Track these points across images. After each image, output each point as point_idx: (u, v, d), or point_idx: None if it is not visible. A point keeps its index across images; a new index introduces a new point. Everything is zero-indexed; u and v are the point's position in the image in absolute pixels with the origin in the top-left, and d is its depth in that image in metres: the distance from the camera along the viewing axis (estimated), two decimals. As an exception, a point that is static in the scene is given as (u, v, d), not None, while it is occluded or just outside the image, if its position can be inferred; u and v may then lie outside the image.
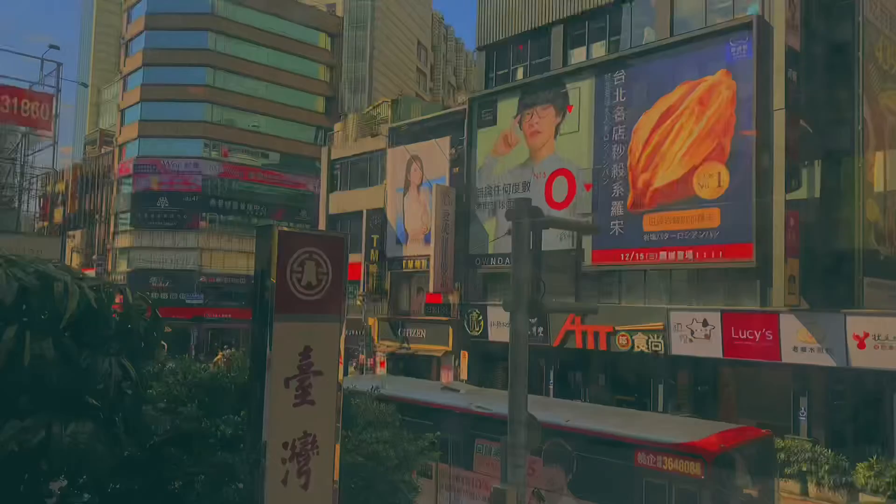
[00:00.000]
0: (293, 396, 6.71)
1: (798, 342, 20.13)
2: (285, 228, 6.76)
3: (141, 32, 56.34)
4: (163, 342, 8.80)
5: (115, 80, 74.70)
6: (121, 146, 58.22)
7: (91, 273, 56.06)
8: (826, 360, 19.71)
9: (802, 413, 20.63)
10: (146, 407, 8.14)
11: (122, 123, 58.63)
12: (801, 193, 20.97)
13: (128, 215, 55.49)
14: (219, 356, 24.04)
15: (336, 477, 7.11)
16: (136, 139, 55.70)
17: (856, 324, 19.18)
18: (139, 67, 56.19)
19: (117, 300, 7.69)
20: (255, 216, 56.49)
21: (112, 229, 57.78)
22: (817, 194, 21.42)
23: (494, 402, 15.69)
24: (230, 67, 56.21)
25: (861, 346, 19.03)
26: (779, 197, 20.42)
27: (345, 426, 8.88)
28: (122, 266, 55.21)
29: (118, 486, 8.25)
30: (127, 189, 55.92)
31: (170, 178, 54.57)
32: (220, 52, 55.94)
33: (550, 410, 15.24)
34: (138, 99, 55.77)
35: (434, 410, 16.09)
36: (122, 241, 56.00)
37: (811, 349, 19.90)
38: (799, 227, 20.51)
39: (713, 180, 21.86)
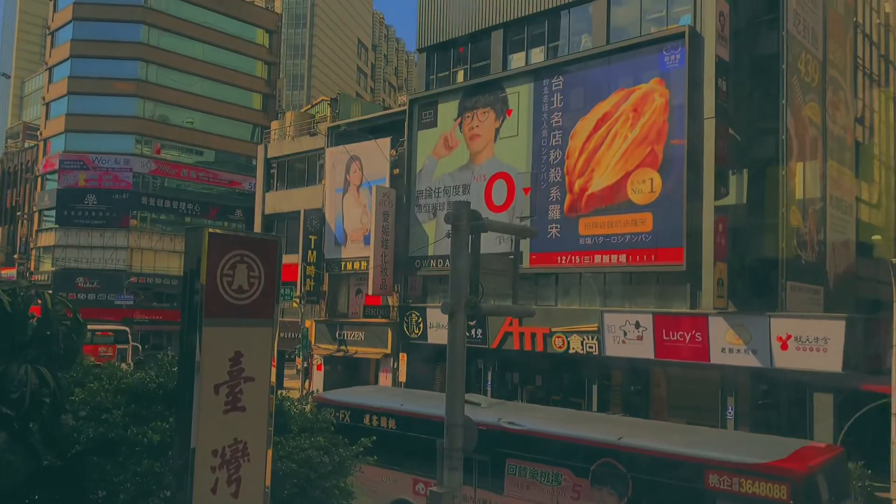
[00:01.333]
0: (223, 403, 6.53)
1: (726, 343, 20.83)
2: (216, 230, 6.58)
3: (68, 22, 54.21)
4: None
5: (40, 71, 71.56)
6: (45, 140, 55.86)
7: (12, 272, 53.66)
8: (752, 361, 20.45)
9: (729, 412, 21.34)
10: (66, 416, 7.80)
11: (47, 117, 56.28)
12: (729, 200, 21.71)
13: (52, 212, 53.26)
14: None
15: (268, 484, 6.96)
16: (62, 133, 53.56)
17: (779, 326, 19.97)
18: (66, 59, 54.07)
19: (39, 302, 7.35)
20: (187, 215, 55.07)
21: (35, 227, 55.37)
22: (744, 201, 22.22)
23: (525, 417, 14.65)
24: (164, 62, 54.66)
25: (784, 347, 19.83)
26: (708, 203, 21.10)
27: (278, 432, 8.73)
28: (47, 265, 52.96)
29: (36, 498, 7.90)
30: (52, 185, 53.69)
31: (98, 174, 52.67)
32: (154, 46, 54.35)
33: (594, 426, 14.40)
34: (65, 91, 53.64)
35: None
36: (46, 239, 53.73)
37: (738, 350, 20.62)
38: (727, 232, 21.23)
39: (646, 186, 22.43)
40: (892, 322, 19.11)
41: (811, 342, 19.44)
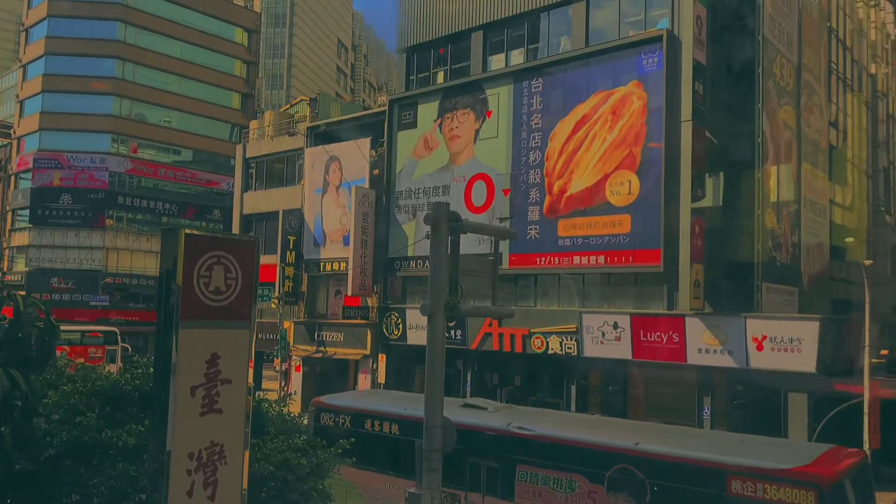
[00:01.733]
0: (199, 405, 6.47)
1: (702, 344, 21.04)
2: (193, 231, 6.52)
3: (43, 19, 53.39)
4: None
5: (14, 68, 70.41)
6: (19, 138, 54.98)
7: (-16, 273, 52.69)
8: (728, 362, 20.69)
9: (706, 412, 21.57)
10: (38, 419, 7.69)
11: (20, 114, 55.39)
12: (705, 202, 21.94)
13: (26, 212, 52.44)
14: None
15: (245, 486, 6.90)
16: (36, 132, 52.75)
17: (755, 327, 20.22)
18: (41, 56, 53.24)
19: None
20: (165, 215, 54.53)
21: (8, 226, 54.48)
22: (720, 203, 22.46)
23: (535, 421, 14.21)
24: (141, 60, 54.05)
25: (759, 348, 20.07)
26: (685, 205, 21.31)
27: (255, 434, 8.67)
28: (20, 265, 52.13)
29: (8, 502, 7.77)
30: (25, 184, 52.87)
31: (73, 173, 51.96)
32: (131, 44, 53.71)
33: (608, 430, 14.02)
34: (40, 89, 52.83)
35: (461, 432, 14.70)
36: (19, 238, 52.89)
37: (714, 351, 20.85)
38: (703, 234, 21.46)
39: (624, 188, 22.60)
40: (864, 323, 19.44)
41: (786, 343, 19.70)
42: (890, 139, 34.41)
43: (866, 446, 17.89)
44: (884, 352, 21.51)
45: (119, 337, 38.14)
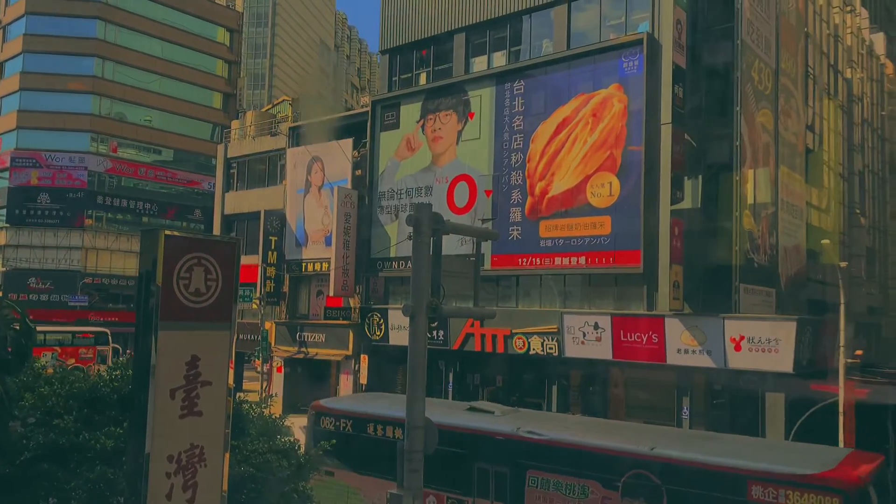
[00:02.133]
0: (179, 407, 6.46)
1: (681, 345, 21.25)
2: (173, 232, 6.51)
3: (21, 16, 52.71)
4: None
5: (-9, 65, 69.38)
6: (-4, 137, 54.23)
7: (-41, 273, 51.90)
8: (706, 362, 20.91)
9: (685, 412, 21.78)
10: (14, 422, 7.62)
11: (-3, 112, 54.66)
12: (685, 204, 22.17)
13: (3, 211, 51.75)
14: None
15: (225, 489, 6.90)
16: (13, 130, 52.05)
17: (733, 327, 20.46)
18: (19, 53, 52.57)
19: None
20: (145, 215, 54.08)
21: (-16, 226, 53.69)
22: (699, 205, 22.70)
23: (544, 425, 13.92)
24: (121, 58, 53.56)
25: (738, 348, 20.31)
26: (665, 207, 21.53)
27: (235, 436, 8.66)
28: (-3, 265, 51.41)
29: (-17, 506, 7.70)
30: (3, 183, 52.13)
31: (52, 172, 51.36)
32: (111, 42, 53.19)
33: (621, 435, 13.76)
34: (17, 87, 52.17)
35: (469, 437, 13.95)
36: (-4, 238, 52.17)
37: (693, 351, 21.06)
38: (683, 235, 21.67)
39: (605, 189, 22.78)
40: (839, 323, 19.74)
41: (763, 343, 19.95)
42: (865, 143, 34.94)
43: (841, 446, 18.16)
44: (858, 352, 21.82)
45: (110, 338, 38.07)
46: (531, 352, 24.33)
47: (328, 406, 17.03)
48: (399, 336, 27.21)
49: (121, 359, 9.91)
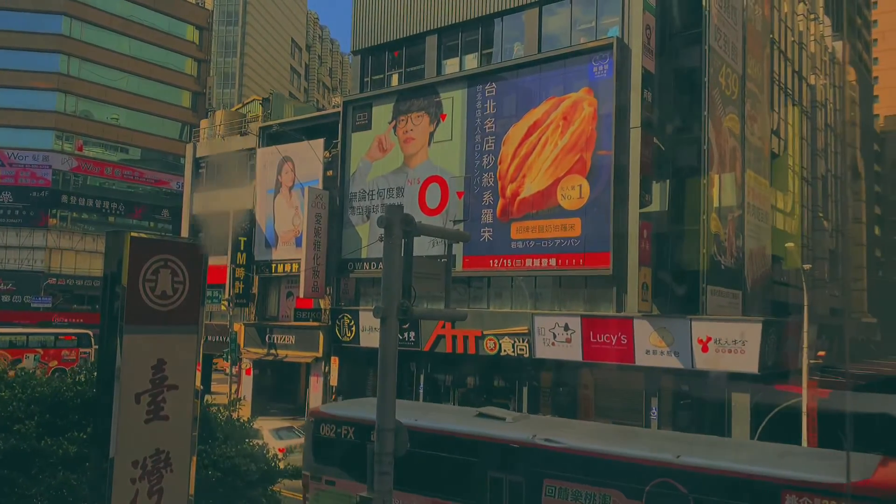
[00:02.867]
0: (145, 412, 6.38)
1: (650, 346, 21.50)
2: (139, 234, 6.42)
3: (-17, 11, 51.50)
4: None
5: (-49, 60, 67.70)
6: (-44, 134, 52.88)
7: (-83, 274, 50.49)
8: (674, 363, 21.19)
9: (653, 412, 22.04)
10: (-26, 427, 7.45)
11: (-42, 109, 53.29)
12: (653, 207, 22.45)
13: (-37, 210, 50.52)
14: None
15: (191, 493, 6.83)
16: (-25, 127, 50.81)
17: (700, 329, 20.76)
18: (-20, 49, 51.33)
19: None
20: (111, 214, 53.16)
21: (-57, 225, 52.34)
22: (667, 208, 23.00)
23: (559, 432, 13.45)
24: (87, 55, 52.61)
25: (704, 349, 20.62)
26: (633, 210, 21.78)
27: (203, 440, 8.56)
28: (-44, 266, 50.13)
29: (-60, 514, 7.50)
30: (-37, 181, 50.91)
31: (14, 171, 50.26)
32: (76, 39, 52.22)
33: (645, 442, 13.25)
34: (-22, 83, 50.94)
35: (481, 444, 13.46)
36: (-44, 238, 50.86)
37: (661, 352, 21.32)
38: (651, 238, 21.94)
39: (575, 192, 22.97)
40: (802, 325, 20.15)
41: (730, 344, 20.27)
42: (828, 148, 35.72)
43: (804, 444, 18.53)
44: (821, 353, 22.32)
45: (93, 339, 37.39)
46: (502, 353, 24.42)
47: (329, 412, 16.10)
48: (370, 338, 27.12)
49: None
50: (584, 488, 12.23)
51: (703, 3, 22.50)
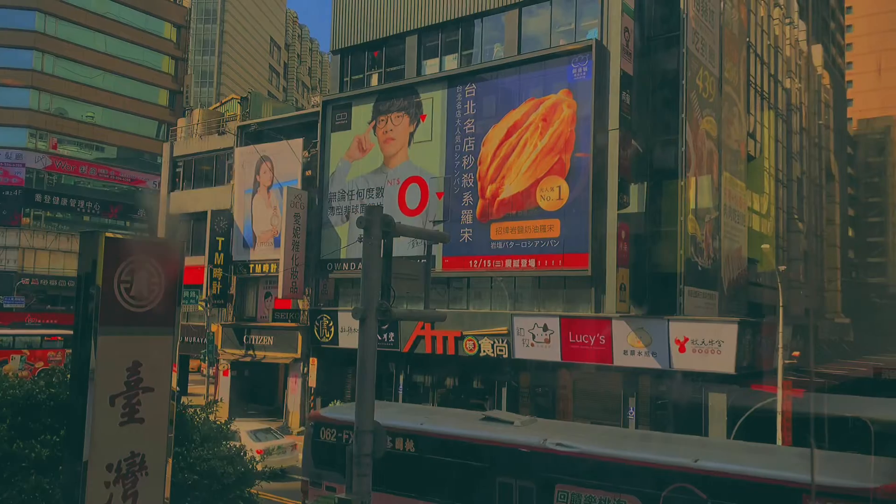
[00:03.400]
0: (119, 414, 6.30)
1: (628, 346, 21.65)
2: (114, 234, 6.33)
3: (-46, 6, 50.56)
4: None
5: (-79, 56, 66.37)
6: (-74, 131, 51.85)
7: None
8: (652, 363, 21.35)
9: (631, 412, 22.20)
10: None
11: (-72, 106, 52.26)
12: (631, 208, 22.61)
13: (-67, 209, 49.56)
14: None
15: (167, 496, 6.75)
16: (-55, 124, 49.88)
17: (677, 329, 20.94)
18: (-49, 45, 50.39)
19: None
20: (86, 214, 52.43)
21: (-88, 224, 51.30)
22: (645, 209, 23.18)
23: (570, 435, 13.23)
24: (62, 52, 51.86)
25: (682, 349, 20.80)
26: (612, 211, 21.92)
27: (179, 442, 8.47)
28: (-75, 266, 49.17)
29: None
30: (-67, 179, 49.94)
31: (-14, 169, 49.39)
32: (51, 35, 51.43)
33: (660, 446, 13.00)
34: (-51, 80, 50.01)
35: (490, 449, 13.23)
36: (-75, 237, 49.88)
37: (639, 353, 21.48)
38: (629, 239, 22.10)
39: (554, 193, 23.07)
40: (778, 325, 20.41)
41: (706, 344, 20.48)
42: (803, 150, 36.23)
43: (779, 443, 18.78)
44: (796, 353, 22.64)
45: None
46: (482, 354, 24.45)
47: (330, 416, 15.72)
48: (349, 338, 27.02)
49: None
50: (598, 493, 12.02)
51: (681, 7, 22.72)
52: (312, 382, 28.65)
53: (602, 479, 12.00)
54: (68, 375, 8.44)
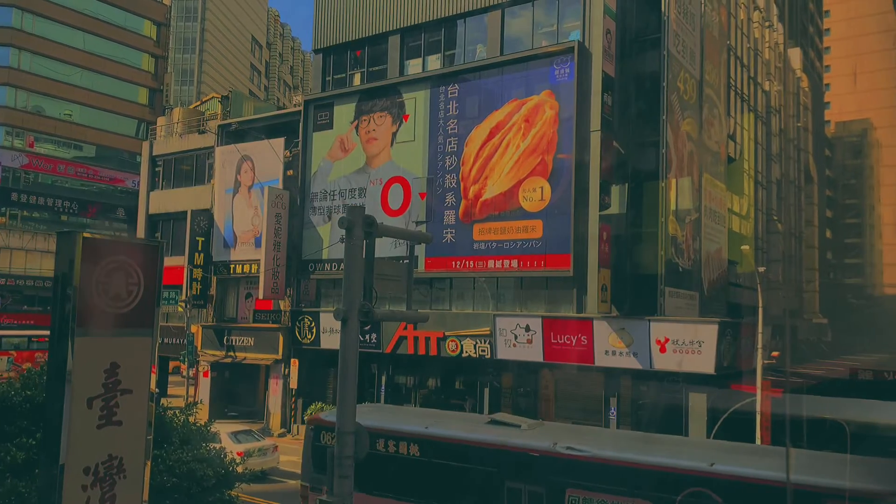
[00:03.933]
0: (97, 417, 6.21)
1: (609, 346, 21.76)
2: (92, 235, 6.24)
3: (-72, 1, 49.71)
4: None
5: None
6: None
7: None
8: (633, 364, 21.48)
9: (612, 413, 22.31)
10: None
11: None
12: (612, 209, 22.72)
13: None
14: None
15: (146, 499, 6.66)
16: (-81, 121, 49.05)
17: (658, 330, 21.08)
18: (-75, 41, 49.55)
19: None
20: (64, 213, 51.79)
21: None
22: (626, 210, 23.31)
23: (580, 439, 13.03)
24: (39, 49, 51.16)
25: (662, 350, 20.95)
26: (593, 212, 22.03)
27: (158, 445, 8.37)
28: None
29: None
30: None
31: (-39, 167, 48.62)
32: (27, 32, 50.73)
33: (674, 450, 12.76)
34: (-77, 76, 49.18)
35: (498, 453, 13.03)
36: None
37: (620, 353, 21.60)
38: (611, 240, 22.21)
39: (536, 194, 23.13)
40: (757, 326, 20.61)
41: (687, 345, 20.63)
42: (782, 153, 36.64)
43: (758, 443, 18.95)
44: (775, 353, 22.87)
45: None
46: (464, 354, 24.46)
47: (330, 420, 15.28)
48: (330, 339, 26.91)
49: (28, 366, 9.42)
50: (610, 498, 11.79)
51: (663, 9, 22.88)
52: (294, 384, 28.49)
53: (614, 484, 11.82)
54: (45, 377, 8.32)
